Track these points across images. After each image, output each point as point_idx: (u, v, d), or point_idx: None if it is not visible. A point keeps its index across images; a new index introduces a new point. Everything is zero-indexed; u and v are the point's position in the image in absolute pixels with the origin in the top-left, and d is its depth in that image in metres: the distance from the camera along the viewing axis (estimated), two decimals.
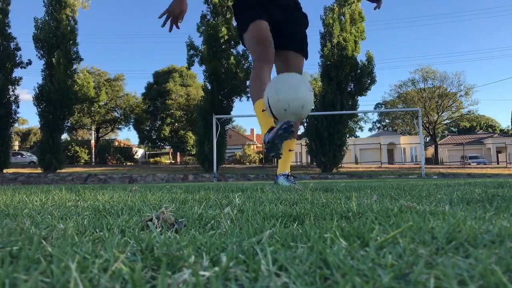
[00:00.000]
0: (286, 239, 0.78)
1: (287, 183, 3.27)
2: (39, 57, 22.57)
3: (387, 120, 61.20)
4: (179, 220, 1.00)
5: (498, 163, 39.32)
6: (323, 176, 18.07)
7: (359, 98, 22.57)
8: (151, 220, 0.98)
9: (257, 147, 50.33)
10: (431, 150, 48.39)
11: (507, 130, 68.51)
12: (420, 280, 0.51)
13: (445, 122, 51.05)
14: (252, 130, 65.44)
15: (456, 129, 62.11)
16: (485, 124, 65.56)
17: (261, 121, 3.09)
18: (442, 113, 46.47)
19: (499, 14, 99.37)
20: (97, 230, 0.94)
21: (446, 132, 58.90)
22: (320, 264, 0.60)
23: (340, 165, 22.35)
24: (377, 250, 0.70)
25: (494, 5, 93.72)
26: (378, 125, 63.78)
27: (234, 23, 22.06)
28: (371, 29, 79.69)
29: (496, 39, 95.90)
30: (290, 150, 3.48)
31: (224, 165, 24.52)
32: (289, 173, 3.45)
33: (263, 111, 2.93)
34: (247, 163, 38.77)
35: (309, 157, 32.14)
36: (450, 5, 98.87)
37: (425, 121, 43.59)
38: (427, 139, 49.38)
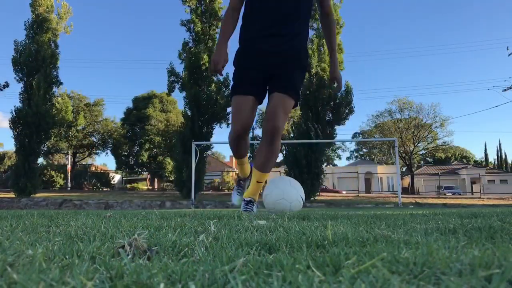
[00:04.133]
0: (259, 267, 0.78)
1: (242, 209, 3.42)
2: (17, 80, 22.34)
3: (364, 150, 61.94)
4: (152, 248, 0.99)
5: (472, 194, 39.98)
6: None
7: (337, 127, 22.87)
8: (123, 247, 0.96)
9: (236, 174, 50.22)
10: (407, 180, 48.97)
11: (481, 161, 70.01)
12: None
13: (421, 152, 51.95)
14: (231, 157, 65.31)
15: (431, 160, 63.16)
16: (459, 155, 66.87)
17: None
18: (418, 143, 47.31)
19: (473, 49, 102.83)
20: (67, 257, 0.91)
21: (422, 162, 59.84)
22: None
23: (318, 193, 22.42)
24: (351, 279, 0.70)
25: (468, 40, 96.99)
26: (356, 154, 64.45)
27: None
28: (350, 60, 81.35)
29: (470, 73, 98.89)
30: (258, 182, 3.47)
31: (202, 192, 24.32)
32: (252, 200, 3.47)
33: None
34: (225, 190, 38.56)
35: None
36: (427, 39, 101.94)
37: (401, 151, 44.25)
38: (404, 169, 50.04)
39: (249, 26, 3.35)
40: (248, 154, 3.77)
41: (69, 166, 40.44)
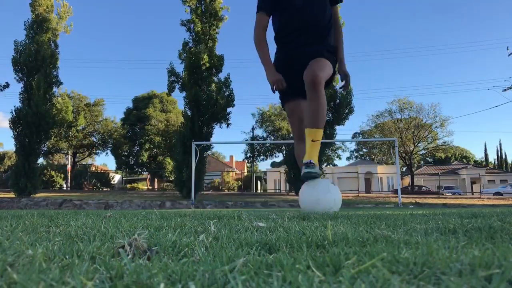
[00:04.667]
0: (259, 267, 0.78)
1: (306, 170, 3.48)
2: (17, 80, 22.31)
3: (364, 150, 61.88)
4: (152, 248, 0.99)
5: (472, 194, 39.98)
6: None
7: (337, 127, 22.87)
8: (123, 247, 0.96)
9: (236, 174, 50.19)
10: (407, 180, 48.94)
11: (481, 161, 70.02)
12: None
13: (421, 152, 51.88)
14: (231, 157, 65.28)
15: (431, 160, 63.11)
16: (459, 155, 66.83)
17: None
18: (418, 143, 47.24)
19: (473, 49, 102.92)
20: (67, 257, 0.91)
21: (422, 162, 59.81)
22: None
23: None
24: (351, 279, 0.70)
25: (468, 40, 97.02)
26: (356, 154, 64.38)
27: (217, 52, 22.26)
28: (350, 60, 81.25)
29: (470, 73, 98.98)
30: (313, 141, 3.50)
31: (202, 192, 24.32)
32: (311, 161, 3.50)
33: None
34: (225, 190, 38.58)
35: (287, 184, 32.13)
36: (427, 39, 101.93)
37: (401, 151, 44.19)
38: (404, 169, 49.98)
39: (281, 36, 3.72)
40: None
41: (69, 166, 40.43)
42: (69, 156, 42.86)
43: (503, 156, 69.95)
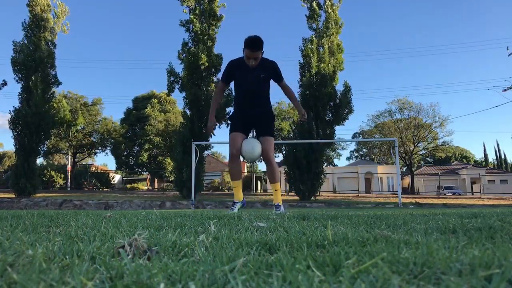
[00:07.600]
0: (259, 267, 0.78)
1: (275, 211, 4.76)
2: (16, 80, 22.31)
3: (364, 150, 61.90)
4: (152, 248, 0.99)
5: (472, 194, 39.98)
6: (301, 204, 18.08)
7: (336, 127, 22.86)
8: (123, 247, 0.96)
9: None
10: (407, 180, 48.94)
11: (481, 161, 69.99)
12: None
13: (421, 152, 51.89)
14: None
15: (431, 160, 63.11)
16: (459, 155, 66.81)
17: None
18: (418, 143, 47.26)
19: (473, 49, 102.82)
20: (67, 257, 0.91)
21: (422, 162, 59.79)
22: None
23: (318, 193, 22.42)
24: (351, 279, 0.70)
25: (468, 40, 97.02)
26: (356, 154, 64.40)
27: (215, 51, 22.21)
28: (350, 60, 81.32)
29: (470, 73, 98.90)
30: (276, 190, 5.18)
31: (202, 192, 24.32)
32: (279, 204, 5.08)
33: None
34: (225, 190, 38.57)
35: (287, 184, 32.12)
36: (427, 39, 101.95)
37: (401, 151, 44.22)
38: (404, 169, 50.00)
39: (236, 97, 5.23)
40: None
41: (69, 166, 40.41)
42: (69, 156, 42.83)
43: (503, 156, 69.87)
